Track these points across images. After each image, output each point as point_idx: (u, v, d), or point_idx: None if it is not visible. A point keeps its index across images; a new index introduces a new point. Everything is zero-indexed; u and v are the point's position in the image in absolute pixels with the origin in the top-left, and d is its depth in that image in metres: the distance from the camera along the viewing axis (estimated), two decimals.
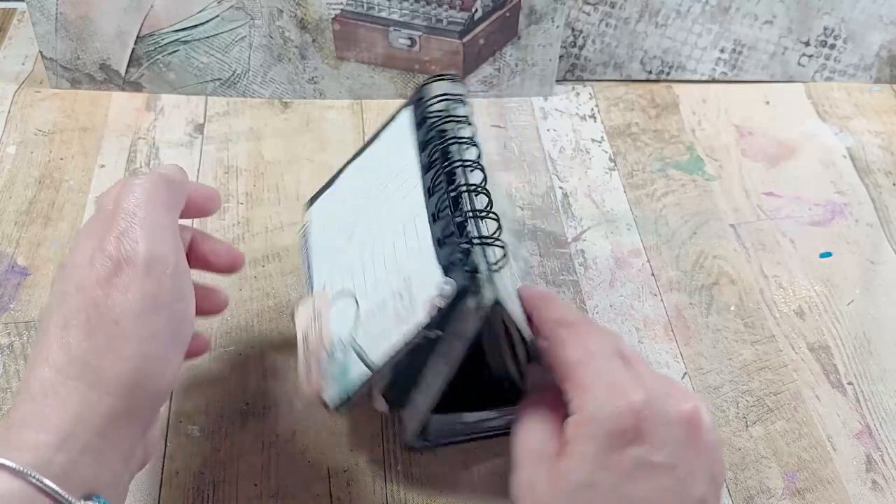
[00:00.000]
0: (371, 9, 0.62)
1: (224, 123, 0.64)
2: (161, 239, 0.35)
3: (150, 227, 0.35)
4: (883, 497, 0.45)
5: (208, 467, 0.45)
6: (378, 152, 0.48)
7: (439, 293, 0.37)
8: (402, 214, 0.42)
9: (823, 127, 0.66)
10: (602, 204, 0.60)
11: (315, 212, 0.50)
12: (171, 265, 0.35)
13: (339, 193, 0.49)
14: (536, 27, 0.64)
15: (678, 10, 0.66)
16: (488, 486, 0.45)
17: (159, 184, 0.37)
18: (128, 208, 0.35)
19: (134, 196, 0.35)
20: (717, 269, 0.56)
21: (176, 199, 0.38)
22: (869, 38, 0.68)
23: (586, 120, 0.66)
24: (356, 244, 0.44)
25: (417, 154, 0.44)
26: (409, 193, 0.43)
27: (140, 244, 0.34)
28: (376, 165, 0.47)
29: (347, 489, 0.44)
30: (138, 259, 0.34)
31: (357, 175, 0.49)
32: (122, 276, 0.34)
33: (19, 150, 0.61)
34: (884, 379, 0.51)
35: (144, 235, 0.34)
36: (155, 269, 0.34)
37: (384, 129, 0.48)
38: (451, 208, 0.40)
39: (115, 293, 0.33)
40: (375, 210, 0.44)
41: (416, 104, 0.46)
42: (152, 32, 0.63)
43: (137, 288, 0.34)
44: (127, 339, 0.33)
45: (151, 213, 0.35)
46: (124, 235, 0.34)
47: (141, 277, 0.34)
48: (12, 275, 0.53)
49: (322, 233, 0.48)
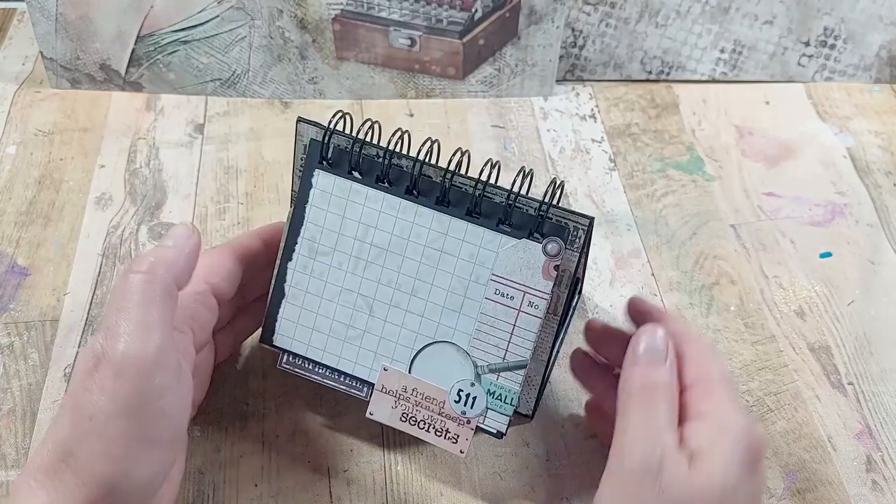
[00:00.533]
0: (371, 9, 0.62)
1: (224, 123, 0.64)
2: (142, 337, 0.35)
3: (135, 324, 0.35)
4: (883, 497, 0.45)
5: (208, 467, 0.45)
6: (327, 222, 0.43)
7: (550, 255, 0.40)
8: (431, 243, 0.42)
9: (823, 127, 0.66)
10: (602, 204, 0.60)
11: (285, 333, 0.44)
12: (148, 364, 0.35)
13: (309, 298, 0.44)
14: (536, 27, 0.64)
15: (678, 11, 0.66)
16: (488, 486, 0.45)
17: (155, 273, 0.36)
18: (118, 304, 0.35)
19: (125, 290, 0.36)
20: (717, 270, 0.56)
21: (176, 281, 0.37)
22: (869, 38, 0.68)
23: (586, 120, 0.66)
24: (383, 307, 0.43)
25: (386, 198, 0.42)
26: (422, 225, 0.42)
27: (119, 344, 0.34)
28: (342, 232, 0.43)
29: (347, 489, 0.44)
30: (115, 358, 0.34)
31: (321, 258, 0.43)
32: (100, 372, 0.34)
33: (19, 150, 0.61)
34: (884, 379, 0.51)
35: (126, 333, 0.35)
36: (128, 370, 0.34)
37: (306, 207, 0.43)
38: (478, 206, 0.41)
39: (93, 388, 0.34)
40: (389, 264, 0.42)
41: (319, 163, 0.42)
42: (152, 33, 0.63)
43: (110, 388, 0.34)
44: (98, 436, 0.34)
45: (140, 309, 0.35)
46: (109, 331, 0.35)
47: (114, 378, 0.34)
48: (12, 275, 0.53)
49: (318, 341, 0.44)
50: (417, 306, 0.42)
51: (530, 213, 0.40)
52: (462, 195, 0.41)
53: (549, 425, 0.47)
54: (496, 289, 0.41)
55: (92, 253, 0.55)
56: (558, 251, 0.40)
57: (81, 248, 0.55)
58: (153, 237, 0.56)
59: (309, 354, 0.44)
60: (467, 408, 0.42)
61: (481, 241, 0.41)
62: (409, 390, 0.42)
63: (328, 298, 0.43)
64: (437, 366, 0.42)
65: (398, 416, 0.43)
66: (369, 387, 0.43)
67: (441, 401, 0.42)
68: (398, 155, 0.41)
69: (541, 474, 0.45)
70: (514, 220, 0.41)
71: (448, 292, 0.42)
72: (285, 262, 0.43)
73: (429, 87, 0.66)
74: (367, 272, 0.42)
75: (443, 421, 0.42)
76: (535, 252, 0.40)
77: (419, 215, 0.42)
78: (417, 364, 0.42)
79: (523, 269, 0.41)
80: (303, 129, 0.43)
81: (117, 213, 0.57)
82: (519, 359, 0.41)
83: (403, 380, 0.42)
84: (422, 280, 0.42)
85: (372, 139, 0.42)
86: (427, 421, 0.42)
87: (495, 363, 0.42)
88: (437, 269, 0.42)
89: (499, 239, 0.41)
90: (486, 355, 0.42)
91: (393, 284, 0.42)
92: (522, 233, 0.41)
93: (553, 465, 0.46)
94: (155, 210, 0.58)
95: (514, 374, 0.41)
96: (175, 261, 0.37)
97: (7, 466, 0.44)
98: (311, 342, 0.44)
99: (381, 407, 0.43)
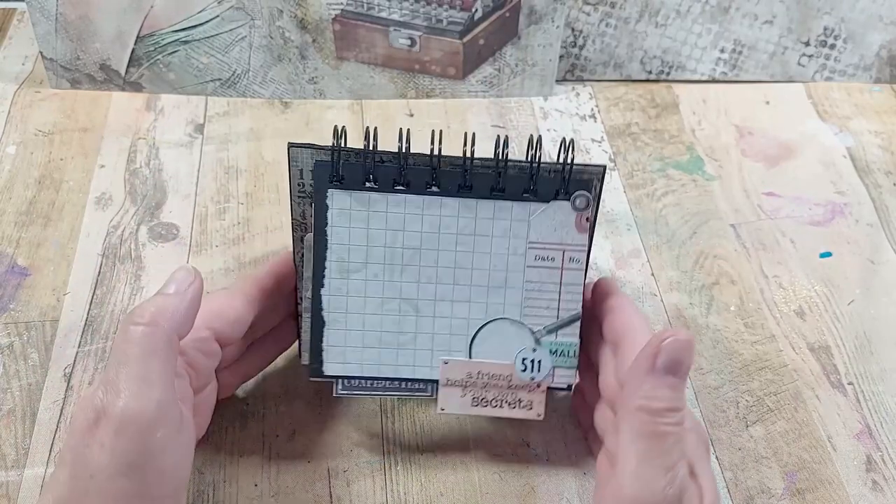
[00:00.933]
0: (371, 9, 0.62)
1: (224, 124, 0.64)
2: (143, 393, 0.34)
3: (135, 380, 0.34)
4: (883, 497, 0.45)
5: (208, 467, 0.45)
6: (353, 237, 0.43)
7: (580, 209, 0.42)
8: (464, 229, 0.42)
9: (823, 127, 0.66)
10: (602, 204, 0.60)
11: (334, 361, 0.44)
12: (149, 421, 0.34)
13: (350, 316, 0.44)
14: (536, 27, 0.64)
15: (678, 10, 0.66)
16: (488, 486, 0.45)
17: (157, 325, 0.36)
18: (118, 357, 0.35)
19: (126, 343, 0.35)
20: (717, 269, 0.56)
21: (177, 331, 0.37)
22: (869, 38, 0.68)
23: (586, 120, 0.66)
24: (429, 305, 0.43)
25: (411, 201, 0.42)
26: (444, 215, 0.42)
27: (120, 400, 0.34)
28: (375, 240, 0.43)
29: (347, 489, 0.44)
30: (115, 415, 0.34)
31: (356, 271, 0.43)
32: (100, 429, 0.34)
33: (19, 150, 0.61)
34: (884, 379, 0.51)
35: (126, 389, 0.34)
36: (128, 428, 0.34)
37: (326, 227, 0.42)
38: (499, 176, 0.42)
39: (94, 445, 0.34)
40: (426, 262, 0.43)
41: (331, 183, 0.42)
42: (152, 33, 0.63)
43: (110, 446, 0.34)
44: (99, 495, 0.34)
45: (140, 363, 0.35)
46: (109, 385, 0.34)
47: (114, 436, 0.34)
48: (12, 275, 0.53)
49: (371, 357, 0.44)
50: (463, 293, 0.43)
51: (549, 176, 0.42)
52: (482, 177, 0.42)
53: (549, 425, 0.47)
54: (536, 255, 0.42)
55: (92, 253, 0.55)
56: (587, 203, 0.42)
57: (81, 248, 0.55)
58: (153, 237, 0.56)
59: (365, 373, 0.44)
60: (535, 373, 0.43)
61: (511, 215, 0.42)
62: (473, 375, 0.43)
63: (371, 312, 0.43)
64: (495, 344, 0.43)
65: (469, 403, 0.44)
66: (434, 384, 0.44)
67: (507, 375, 0.43)
68: (412, 155, 0.41)
69: (541, 474, 0.45)
70: (539, 187, 0.42)
71: (490, 271, 0.43)
72: (318, 289, 0.42)
73: (429, 87, 0.67)
74: (405, 275, 0.43)
75: (513, 393, 0.43)
76: (565, 210, 0.42)
77: (444, 206, 0.42)
78: (476, 348, 0.43)
79: (557, 229, 0.42)
80: (297, 155, 0.42)
81: (117, 213, 0.57)
82: (572, 313, 0.43)
83: (466, 367, 0.43)
84: (461, 267, 0.43)
85: (374, 146, 0.42)
86: (498, 398, 0.44)
87: (550, 324, 0.43)
88: (474, 252, 0.42)
89: (528, 207, 0.42)
90: (540, 319, 0.43)
91: (434, 280, 0.43)
92: (549, 195, 0.42)
93: (553, 466, 0.46)
94: (155, 210, 0.58)
95: (570, 328, 0.43)
96: (176, 310, 0.37)
97: (7, 466, 0.44)
98: (363, 360, 0.43)
99: (449, 399, 0.44)
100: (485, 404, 0.43)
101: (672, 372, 0.36)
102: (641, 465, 0.36)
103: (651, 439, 0.36)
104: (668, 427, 0.36)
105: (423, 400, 0.48)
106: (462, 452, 0.46)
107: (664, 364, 0.36)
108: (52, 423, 0.46)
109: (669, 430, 0.36)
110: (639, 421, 0.36)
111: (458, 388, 0.43)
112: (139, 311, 0.36)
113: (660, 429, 0.35)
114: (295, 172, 0.42)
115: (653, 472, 0.35)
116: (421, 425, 0.47)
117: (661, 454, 0.35)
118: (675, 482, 0.35)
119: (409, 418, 0.48)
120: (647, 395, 0.36)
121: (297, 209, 0.43)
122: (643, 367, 0.36)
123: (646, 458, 0.36)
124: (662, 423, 0.36)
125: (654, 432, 0.36)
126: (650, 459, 0.35)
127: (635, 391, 0.36)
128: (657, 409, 0.36)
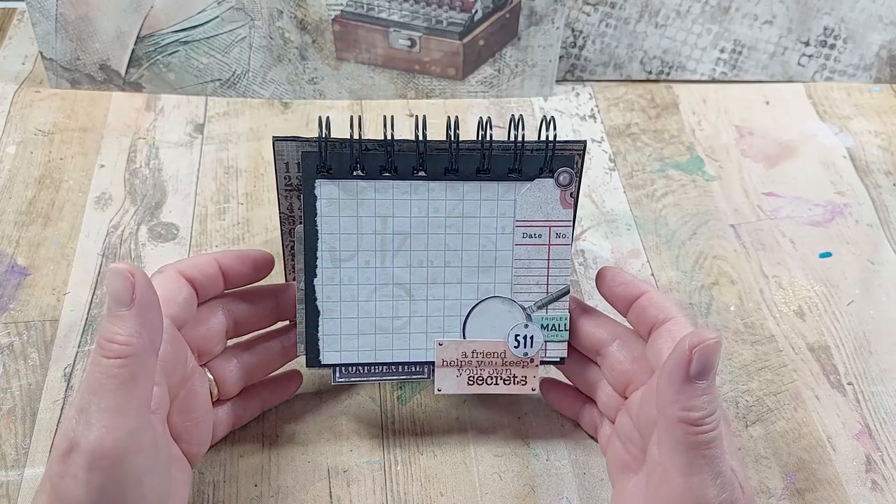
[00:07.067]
0: (371, 10, 0.62)
1: (224, 124, 0.64)
2: (115, 425, 0.33)
3: (107, 412, 0.33)
4: (883, 497, 0.45)
5: (208, 467, 0.45)
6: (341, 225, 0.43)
7: (564, 185, 0.42)
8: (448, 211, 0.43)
9: (823, 127, 0.66)
10: (602, 204, 0.60)
11: (331, 349, 0.44)
12: (122, 453, 0.33)
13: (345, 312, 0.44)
14: (536, 28, 0.64)
15: (678, 11, 0.66)
16: (488, 485, 0.45)
17: (133, 355, 0.34)
18: (91, 385, 0.33)
19: (99, 375, 0.33)
20: (717, 270, 0.56)
21: (154, 349, 0.35)
22: (869, 38, 0.68)
23: (586, 120, 0.66)
24: (421, 288, 0.43)
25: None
26: (436, 196, 0.43)
27: (92, 432, 0.33)
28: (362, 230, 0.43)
29: (347, 489, 0.44)
30: (86, 449, 0.33)
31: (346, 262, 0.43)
32: (72, 459, 0.33)
33: (19, 150, 0.61)
34: (884, 379, 0.51)
35: (98, 422, 0.33)
36: (101, 462, 0.33)
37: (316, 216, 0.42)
38: (486, 160, 0.42)
39: (68, 476, 0.33)
40: (416, 246, 0.43)
41: (318, 173, 0.42)
42: (152, 33, 0.63)
43: (84, 479, 0.33)
44: None
45: (113, 396, 0.33)
46: (81, 414, 0.33)
47: (86, 469, 0.33)
48: (12, 275, 0.53)
49: (367, 343, 0.44)
50: (454, 275, 0.43)
51: (532, 154, 0.42)
52: (468, 158, 0.42)
53: (549, 425, 0.48)
54: (523, 232, 0.43)
55: (92, 253, 0.55)
56: (570, 179, 0.42)
57: (81, 248, 0.55)
58: (153, 237, 0.56)
59: (362, 360, 0.44)
60: (528, 348, 0.44)
61: (497, 195, 0.43)
62: (468, 354, 0.44)
63: (365, 299, 0.43)
64: (488, 322, 0.44)
65: (465, 382, 0.44)
66: (430, 366, 0.44)
67: (501, 352, 0.44)
68: (398, 142, 0.42)
69: (541, 474, 0.45)
70: (523, 166, 0.42)
71: (479, 252, 0.43)
72: (311, 280, 0.43)
73: (429, 88, 0.67)
74: (397, 260, 0.43)
75: (507, 369, 0.44)
76: (549, 187, 0.43)
77: (432, 190, 0.42)
78: (469, 327, 0.44)
79: (543, 206, 0.43)
80: (282, 148, 0.42)
81: (117, 213, 0.57)
82: (561, 287, 0.44)
83: (460, 346, 0.44)
84: (451, 249, 0.43)
85: (360, 135, 0.42)
86: (493, 375, 0.44)
87: (540, 299, 0.44)
88: (463, 234, 0.43)
89: (514, 187, 0.42)
90: (530, 295, 0.44)
91: (425, 263, 0.43)
92: (533, 174, 0.42)
93: (553, 465, 0.46)
94: (155, 210, 0.58)
95: (559, 303, 0.44)
96: (153, 326, 0.35)
97: (7, 466, 0.44)
98: (360, 347, 0.44)
99: (446, 380, 0.44)
100: (480, 382, 0.44)
101: (704, 377, 0.35)
102: (690, 478, 0.35)
103: (695, 450, 0.35)
104: (710, 434, 0.35)
105: (423, 399, 0.48)
106: (462, 453, 0.46)
107: (696, 371, 0.35)
108: (52, 422, 0.46)
109: (711, 437, 0.35)
110: (681, 432, 0.35)
111: (454, 369, 0.44)
112: (109, 338, 0.34)
113: (701, 438, 0.35)
114: (281, 166, 0.43)
115: (702, 484, 0.35)
116: (421, 425, 0.47)
117: (708, 462, 0.35)
118: (726, 487, 0.35)
119: (409, 419, 0.48)
120: (685, 406, 0.35)
121: (285, 203, 0.44)
122: (677, 376, 0.35)
123: (693, 470, 0.35)
124: (703, 431, 0.35)
125: (697, 442, 0.35)
126: (698, 472, 0.35)
127: (672, 402, 0.35)
128: (697, 418, 0.35)
